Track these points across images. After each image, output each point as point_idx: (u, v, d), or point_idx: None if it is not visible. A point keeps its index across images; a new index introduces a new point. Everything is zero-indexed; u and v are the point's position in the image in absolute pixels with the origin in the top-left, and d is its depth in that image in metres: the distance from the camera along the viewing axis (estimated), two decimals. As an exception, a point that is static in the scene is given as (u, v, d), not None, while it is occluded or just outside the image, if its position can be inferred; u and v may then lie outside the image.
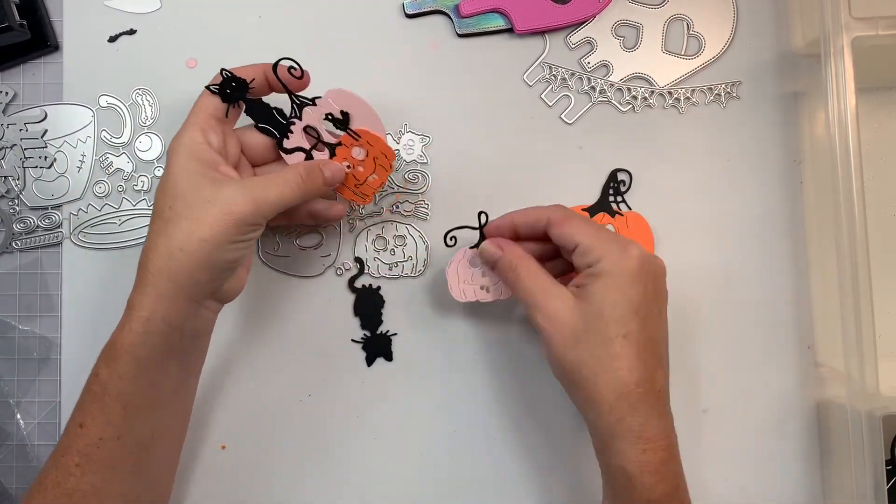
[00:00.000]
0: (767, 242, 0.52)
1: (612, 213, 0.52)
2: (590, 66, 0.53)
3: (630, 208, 0.52)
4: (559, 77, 0.52)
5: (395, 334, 0.51)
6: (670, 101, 0.52)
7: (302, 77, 0.45)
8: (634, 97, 0.52)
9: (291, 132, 0.46)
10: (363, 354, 0.52)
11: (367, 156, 0.47)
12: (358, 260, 0.52)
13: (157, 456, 0.43)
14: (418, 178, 0.52)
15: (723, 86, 0.52)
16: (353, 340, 0.52)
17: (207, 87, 0.44)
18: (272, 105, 0.45)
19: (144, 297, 0.40)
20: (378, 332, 0.51)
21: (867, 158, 0.49)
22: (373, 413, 0.51)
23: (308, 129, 0.46)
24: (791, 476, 0.51)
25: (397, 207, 0.52)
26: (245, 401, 0.51)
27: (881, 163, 0.53)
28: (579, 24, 0.53)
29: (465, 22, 0.52)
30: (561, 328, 0.41)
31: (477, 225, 0.49)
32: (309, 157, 0.46)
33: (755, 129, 0.52)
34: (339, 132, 0.46)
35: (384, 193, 0.52)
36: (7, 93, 0.52)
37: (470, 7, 0.52)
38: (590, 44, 0.53)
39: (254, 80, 0.44)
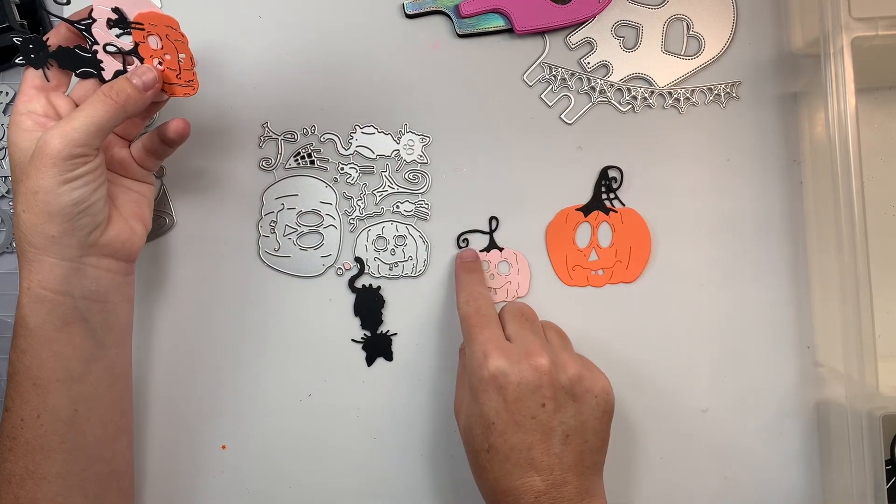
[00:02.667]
0: (767, 242, 0.52)
1: (606, 211, 0.52)
2: (590, 66, 0.53)
3: (623, 205, 0.52)
4: (559, 77, 0.52)
5: (395, 334, 0.51)
6: (670, 102, 0.52)
7: (68, 2, 0.45)
8: (634, 97, 0.52)
9: (102, 61, 0.44)
10: (363, 354, 0.52)
11: (165, 39, 0.44)
12: (358, 260, 0.52)
13: (87, 431, 0.42)
14: (418, 178, 0.52)
15: (723, 86, 0.52)
16: (353, 340, 0.52)
17: (15, 62, 0.43)
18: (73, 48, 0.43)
19: (21, 270, 0.40)
20: (378, 332, 0.51)
21: (867, 158, 0.49)
22: (373, 413, 0.51)
23: (107, 48, 0.44)
24: (791, 476, 0.51)
25: (397, 207, 0.52)
26: (245, 401, 0.51)
27: (881, 163, 0.53)
28: (579, 24, 0.53)
29: (465, 22, 0.52)
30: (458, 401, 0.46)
31: (487, 229, 0.50)
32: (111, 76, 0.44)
33: (755, 129, 0.52)
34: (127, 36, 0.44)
35: (384, 194, 0.52)
36: (7, 93, 0.52)
37: (470, 7, 0.52)
38: (590, 44, 0.53)
39: (48, 37, 0.43)
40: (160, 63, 0.44)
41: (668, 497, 0.51)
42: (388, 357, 0.51)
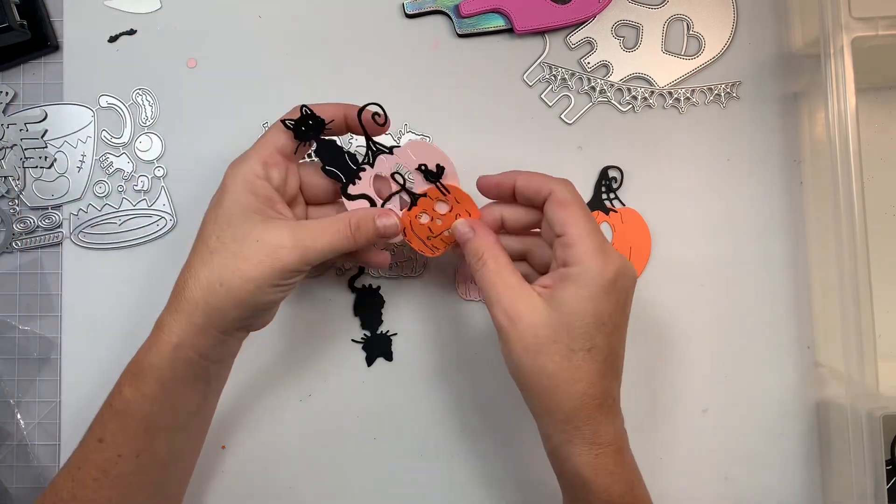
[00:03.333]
0: (767, 242, 0.52)
1: (606, 211, 0.52)
2: (590, 66, 0.53)
3: (623, 205, 0.52)
4: (559, 77, 0.52)
5: (395, 334, 0.51)
6: (670, 101, 0.52)
7: (385, 124, 0.44)
8: (634, 97, 0.52)
9: (360, 178, 0.44)
10: (363, 354, 0.52)
11: (450, 211, 0.45)
12: None
13: (173, 474, 0.43)
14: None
15: (723, 86, 0.52)
16: (353, 340, 0.52)
17: (283, 122, 0.42)
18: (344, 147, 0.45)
19: (176, 324, 0.40)
20: (378, 332, 0.51)
21: (867, 158, 0.49)
22: (373, 413, 0.51)
23: (394, 176, 0.45)
24: (791, 476, 0.51)
25: (397, 207, 0.52)
26: (245, 401, 0.51)
27: (881, 163, 0.53)
28: (579, 24, 0.53)
29: (465, 22, 0.52)
30: (523, 332, 0.39)
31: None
32: (373, 205, 0.45)
33: (755, 129, 0.52)
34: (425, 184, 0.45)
35: (384, 193, 0.52)
36: (7, 93, 0.52)
37: (470, 7, 0.52)
38: (590, 44, 0.53)
39: (332, 120, 0.43)
40: (428, 218, 0.45)
41: (668, 497, 0.51)
42: (388, 357, 0.51)
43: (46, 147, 0.52)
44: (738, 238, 0.52)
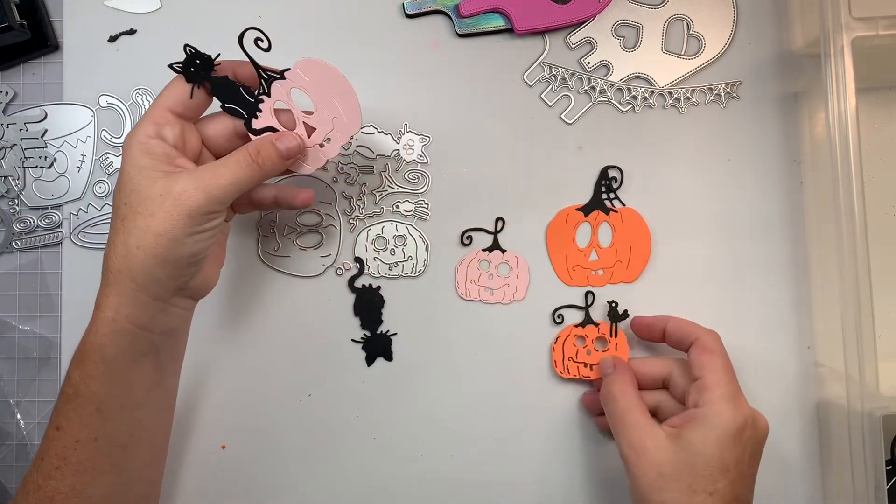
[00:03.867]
0: (767, 242, 0.52)
1: (606, 211, 0.52)
2: (590, 66, 0.53)
3: (623, 205, 0.52)
4: (559, 77, 0.52)
5: (395, 334, 0.51)
6: (670, 101, 0.52)
7: (269, 49, 0.43)
8: (634, 97, 0.52)
9: (260, 111, 0.43)
10: (363, 354, 0.52)
11: (604, 350, 0.49)
12: (358, 260, 0.52)
13: (137, 455, 0.43)
14: (418, 178, 0.52)
15: (723, 86, 0.52)
16: (353, 340, 0.52)
17: (170, 66, 0.41)
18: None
19: (108, 298, 0.39)
20: (378, 332, 0.51)
21: (867, 158, 0.49)
22: (373, 413, 0.51)
23: (277, 104, 0.43)
24: (791, 476, 0.51)
25: (397, 207, 0.52)
26: (245, 401, 0.51)
27: (881, 163, 0.53)
28: (579, 24, 0.52)
29: (465, 22, 0.52)
30: (647, 467, 0.41)
31: (492, 229, 0.50)
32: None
33: (755, 129, 0.52)
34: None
35: (384, 193, 0.52)
36: (7, 93, 0.52)
37: (470, 7, 0.52)
38: (590, 44, 0.53)
39: (219, 55, 0.42)
40: (583, 344, 0.50)
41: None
42: (388, 357, 0.51)
43: (46, 147, 0.52)
44: (738, 238, 0.52)
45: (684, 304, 0.52)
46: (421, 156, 0.52)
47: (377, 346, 0.51)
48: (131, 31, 0.53)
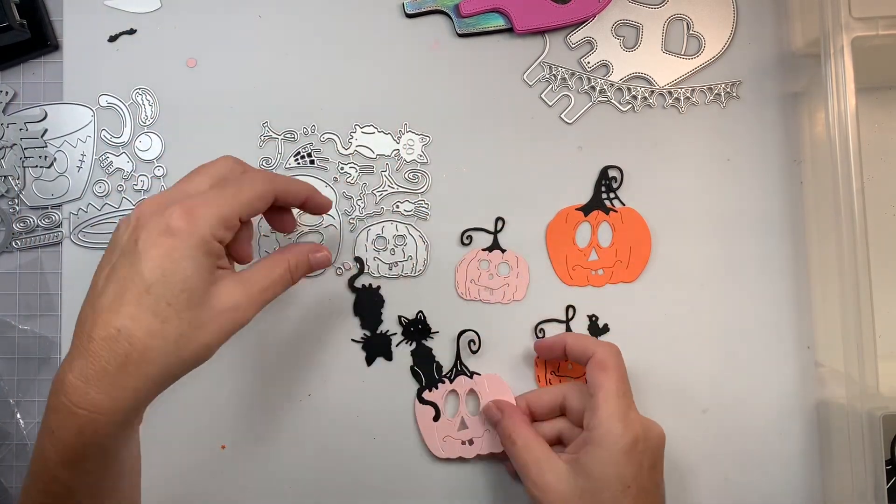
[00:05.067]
0: (767, 242, 0.52)
1: (606, 210, 0.52)
2: (590, 65, 0.53)
3: (623, 204, 0.52)
4: (559, 77, 0.52)
5: (394, 334, 0.51)
6: (670, 101, 0.52)
7: (477, 351, 0.50)
8: (634, 97, 0.52)
9: (436, 388, 0.50)
10: (363, 354, 0.52)
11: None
12: (358, 260, 0.52)
13: None
14: (418, 177, 0.52)
15: (723, 86, 0.52)
16: (352, 340, 0.52)
17: (400, 318, 0.50)
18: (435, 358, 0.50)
19: (115, 391, 0.35)
20: (378, 331, 0.51)
21: (867, 158, 0.49)
22: (373, 413, 0.51)
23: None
24: (791, 476, 0.51)
25: (397, 207, 0.52)
26: (245, 401, 0.51)
27: (881, 163, 0.53)
28: (579, 23, 0.53)
29: (465, 22, 0.52)
30: (553, 498, 0.42)
31: (492, 229, 0.50)
32: (436, 417, 0.50)
33: (755, 129, 0.52)
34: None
35: (384, 193, 0.52)
36: (7, 92, 0.52)
37: (470, 7, 0.52)
38: (590, 44, 0.53)
39: (437, 332, 0.50)
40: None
41: (667, 498, 0.51)
42: (388, 357, 0.51)
43: (46, 146, 0.52)
44: (738, 238, 0.52)
45: (684, 303, 0.52)
46: (421, 156, 0.52)
47: (377, 346, 0.51)
48: (131, 31, 0.53)
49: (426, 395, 0.50)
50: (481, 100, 0.52)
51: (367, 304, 0.52)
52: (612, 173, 0.52)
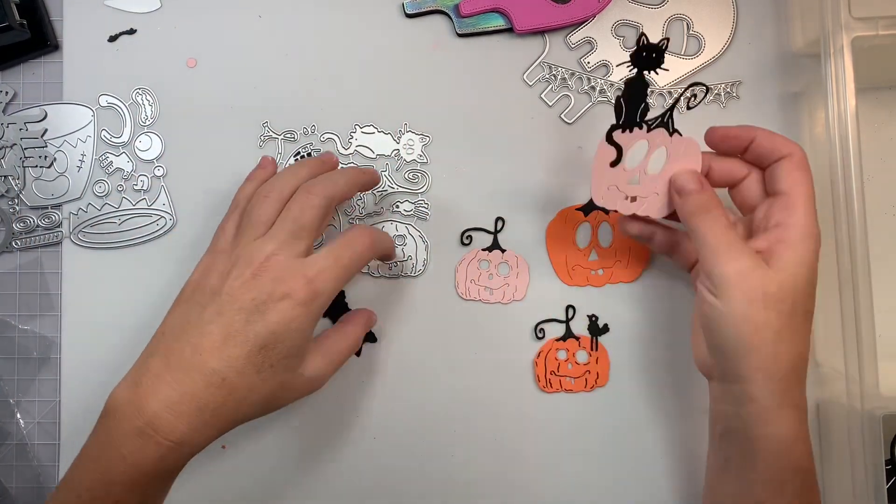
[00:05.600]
0: (767, 242, 0.52)
1: (606, 211, 0.50)
2: (590, 65, 0.53)
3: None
4: (559, 77, 0.52)
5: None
6: (670, 101, 0.52)
7: (694, 106, 0.47)
8: (634, 97, 0.52)
9: (630, 131, 0.44)
10: (363, 354, 0.52)
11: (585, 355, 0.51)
12: None
13: None
14: (418, 177, 0.52)
15: (723, 86, 0.52)
16: None
17: (641, 36, 0.42)
18: None
19: (197, 438, 0.38)
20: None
21: (867, 158, 0.49)
22: (373, 413, 0.51)
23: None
24: (791, 476, 0.51)
25: (397, 207, 0.52)
26: (245, 400, 0.51)
27: (881, 163, 0.53)
28: (579, 23, 0.53)
29: (465, 22, 0.52)
30: (751, 286, 0.39)
31: (492, 229, 0.50)
32: (615, 162, 0.44)
33: (755, 129, 0.52)
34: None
35: (384, 193, 0.52)
36: (7, 92, 0.52)
37: (470, 7, 0.52)
38: (590, 43, 0.53)
39: (667, 70, 0.46)
40: (565, 357, 0.51)
41: (667, 497, 0.51)
42: (373, 339, 0.51)
43: (46, 146, 0.52)
44: (738, 238, 0.52)
45: (684, 303, 0.52)
46: (421, 156, 0.52)
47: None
48: (131, 31, 0.53)
49: (616, 135, 0.44)
50: (481, 100, 0.52)
51: (335, 306, 0.51)
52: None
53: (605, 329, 0.51)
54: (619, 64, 0.48)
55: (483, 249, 0.51)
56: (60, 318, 0.52)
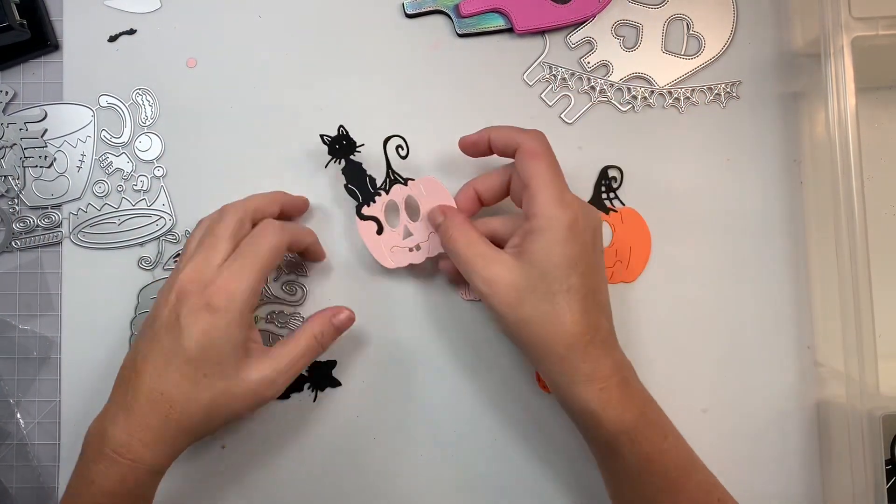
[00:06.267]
0: (767, 242, 0.52)
1: (606, 210, 0.52)
2: (590, 65, 0.53)
3: (623, 204, 0.52)
4: (559, 77, 0.52)
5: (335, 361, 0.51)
6: (670, 101, 0.52)
7: (406, 156, 0.48)
8: (634, 97, 0.52)
9: (374, 202, 0.48)
10: (362, 355, 0.51)
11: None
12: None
13: None
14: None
15: (723, 86, 0.52)
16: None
17: (322, 137, 0.47)
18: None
19: (158, 453, 0.41)
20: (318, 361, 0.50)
21: (867, 158, 0.49)
22: (373, 413, 0.51)
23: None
24: (791, 476, 0.51)
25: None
26: (245, 400, 0.51)
27: (881, 163, 0.53)
28: (579, 23, 0.53)
29: (465, 22, 0.52)
30: (504, 291, 0.41)
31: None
32: (380, 230, 0.48)
33: (755, 129, 0.52)
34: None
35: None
36: (7, 92, 0.52)
37: (470, 7, 0.52)
38: (590, 44, 0.53)
39: (363, 144, 0.48)
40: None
41: (667, 497, 0.51)
42: (334, 384, 0.51)
43: (46, 146, 0.52)
44: (738, 238, 0.52)
45: (684, 303, 0.52)
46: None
47: (319, 375, 0.51)
48: (131, 31, 0.53)
49: (365, 210, 0.48)
50: (481, 100, 0.52)
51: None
52: (612, 173, 0.52)
53: None
54: (327, 162, 0.49)
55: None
56: (60, 318, 0.51)
